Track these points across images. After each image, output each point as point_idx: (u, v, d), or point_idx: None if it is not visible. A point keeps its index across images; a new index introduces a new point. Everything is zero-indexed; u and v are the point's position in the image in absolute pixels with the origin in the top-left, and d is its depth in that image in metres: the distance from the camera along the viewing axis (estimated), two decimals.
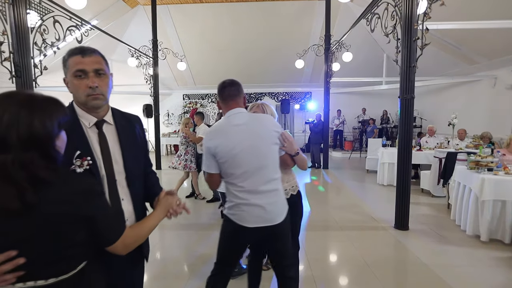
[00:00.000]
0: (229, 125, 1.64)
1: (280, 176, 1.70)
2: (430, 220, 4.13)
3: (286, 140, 1.74)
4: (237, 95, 1.69)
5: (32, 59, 3.97)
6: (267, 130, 1.66)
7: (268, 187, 1.62)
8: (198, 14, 9.33)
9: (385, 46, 10.06)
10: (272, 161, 1.66)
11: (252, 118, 1.68)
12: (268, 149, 1.64)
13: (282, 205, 1.69)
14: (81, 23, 4.98)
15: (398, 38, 3.81)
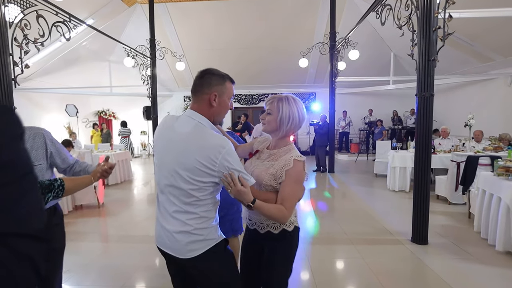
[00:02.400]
0: (166, 127, 1.34)
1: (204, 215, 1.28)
2: (451, 232, 3.70)
3: (230, 182, 1.23)
4: (198, 91, 1.30)
5: (11, 56, 3.63)
6: (190, 158, 1.21)
7: (180, 216, 1.27)
8: (197, 12, 9.01)
9: (392, 44, 9.67)
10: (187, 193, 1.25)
11: (189, 133, 1.25)
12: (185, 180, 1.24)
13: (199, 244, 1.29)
14: (69, 19, 4.64)
15: (413, 30, 3.41)
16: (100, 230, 4.12)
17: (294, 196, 1.35)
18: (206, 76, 1.29)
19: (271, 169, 1.36)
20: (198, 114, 1.28)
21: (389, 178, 5.94)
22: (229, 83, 1.33)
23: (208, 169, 1.20)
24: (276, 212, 1.31)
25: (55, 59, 9.16)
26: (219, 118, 1.33)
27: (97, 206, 5.04)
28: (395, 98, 11.29)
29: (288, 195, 1.33)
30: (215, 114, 1.30)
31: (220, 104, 1.29)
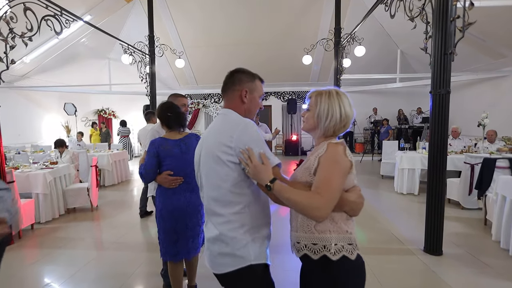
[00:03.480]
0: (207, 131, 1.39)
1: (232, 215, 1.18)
2: (467, 240, 3.43)
3: (247, 159, 1.14)
4: (229, 88, 1.32)
5: None
6: (214, 143, 1.22)
7: (211, 219, 1.25)
8: (198, 8, 8.76)
9: (400, 40, 9.35)
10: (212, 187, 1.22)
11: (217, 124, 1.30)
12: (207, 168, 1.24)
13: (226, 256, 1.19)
14: (60, 13, 4.41)
15: (427, 22, 3.13)
16: (91, 236, 3.89)
17: (330, 181, 1.04)
18: (236, 74, 1.31)
19: (306, 164, 1.19)
20: (230, 110, 1.28)
21: (397, 180, 5.66)
22: (258, 81, 1.34)
23: (226, 147, 1.17)
24: (303, 199, 1.04)
25: (53, 56, 8.96)
26: (250, 115, 1.31)
27: (90, 209, 4.82)
28: (402, 96, 10.98)
29: (322, 180, 1.05)
30: (247, 111, 1.30)
31: (251, 101, 1.30)
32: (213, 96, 12.27)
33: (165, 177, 2.06)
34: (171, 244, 2.10)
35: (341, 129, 1.18)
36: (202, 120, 12.47)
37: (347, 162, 1.09)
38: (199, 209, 2.13)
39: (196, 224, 2.12)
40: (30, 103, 9.77)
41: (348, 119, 1.17)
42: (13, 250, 3.40)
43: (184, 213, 2.07)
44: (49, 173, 4.26)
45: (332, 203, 1.05)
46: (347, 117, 1.16)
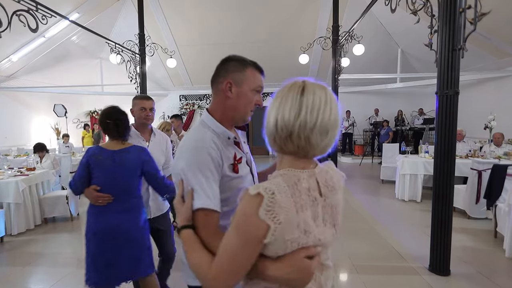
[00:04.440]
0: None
1: None
2: (477, 257, 3.10)
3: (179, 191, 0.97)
4: (214, 80, 1.08)
5: None
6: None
7: None
8: (192, 7, 8.45)
9: (400, 39, 9.04)
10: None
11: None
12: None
13: None
14: (36, 8, 4.09)
15: (432, 15, 2.82)
16: (66, 250, 3.57)
17: (227, 248, 0.75)
18: (225, 62, 1.05)
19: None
20: (205, 113, 1.07)
21: (398, 186, 5.34)
22: (252, 70, 1.04)
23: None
24: (200, 264, 0.80)
25: (41, 55, 8.65)
26: (238, 115, 1.04)
27: (69, 219, 4.50)
28: (402, 97, 10.67)
29: (222, 245, 0.77)
30: (232, 110, 1.03)
31: (238, 96, 1.02)
32: (209, 96, 11.95)
33: (91, 191, 1.78)
34: (97, 271, 1.79)
35: (289, 144, 0.77)
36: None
37: (256, 226, 0.70)
38: (137, 232, 1.85)
39: (136, 245, 1.84)
40: (18, 104, 9.46)
41: (294, 128, 0.74)
42: None
43: (113, 237, 1.78)
44: (22, 180, 3.94)
45: (226, 279, 0.75)
46: (288, 126, 0.74)
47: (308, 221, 0.74)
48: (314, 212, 0.76)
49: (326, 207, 0.80)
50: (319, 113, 0.74)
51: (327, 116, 0.74)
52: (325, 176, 0.81)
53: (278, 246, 0.72)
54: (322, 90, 0.77)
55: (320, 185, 0.79)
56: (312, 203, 0.76)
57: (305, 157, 0.79)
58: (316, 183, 0.79)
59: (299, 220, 0.72)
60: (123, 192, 1.82)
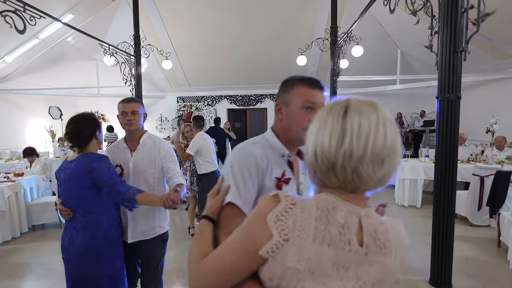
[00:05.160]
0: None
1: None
2: (479, 268, 2.97)
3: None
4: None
5: None
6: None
7: None
8: (188, 7, 8.33)
9: (400, 40, 8.92)
10: None
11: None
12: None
13: None
14: (23, 8, 3.97)
15: (432, 15, 2.69)
16: (51, 260, 3.42)
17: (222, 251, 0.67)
18: (281, 85, 1.07)
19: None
20: (269, 129, 1.09)
21: (398, 191, 5.21)
22: (299, 87, 1.01)
23: None
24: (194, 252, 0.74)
25: (36, 57, 8.52)
26: (291, 133, 1.02)
27: (59, 226, 4.37)
28: (402, 98, 10.53)
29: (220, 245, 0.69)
30: (286, 130, 1.03)
31: (288, 116, 1.01)
32: (207, 98, 11.83)
33: (58, 205, 1.71)
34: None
35: (332, 178, 0.63)
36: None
37: (259, 230, 0.60)
38: (92, 254, 1.63)
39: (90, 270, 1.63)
40: (13, 106, 9.33)
41: (338, 159, 0.60)
42: None
43: (67, 257, 1.65)
44: (7, 187, 3.80)
45: (208, 280, 0.65)
46: (329, 157, 0.61)
47: (324, 261, 0.57)
48: (341, 257, 0.58)
49: (365, 265, 0.60)
50: (369, 138, 0.59)
51: (381, 141, 0.59)
52: (376, 225, 0.63)
53: (275, 269, 0.59)
54: (372, 109, 0.62)
55: (364, 231, 0.61)
56: (342, 245, 0.59)
57: (353, 191, 0.63)
58: (358, 225, 0.61)
59: (311, 252, 0.57)
60: (78, 207, 1.66)
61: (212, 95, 11.73)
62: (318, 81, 1.02)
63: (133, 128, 1.85)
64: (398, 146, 0.62)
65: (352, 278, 0.59)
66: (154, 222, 1.85)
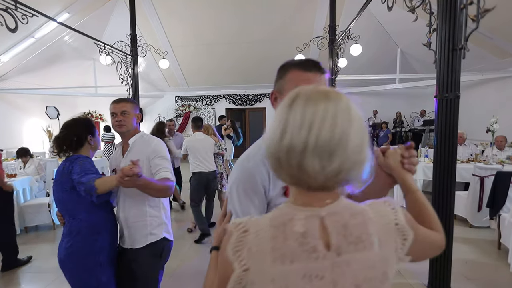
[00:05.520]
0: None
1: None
2: (479, 272, 2.90)
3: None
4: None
5: None
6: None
7: None
8: (185, 6, 8.26)
9: (399, 39, 8.84)
10: None
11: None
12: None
13: None
14: (15, 6, 3.90)
15: (431, 12, 2.62)
16: (44, 262, 3.36)
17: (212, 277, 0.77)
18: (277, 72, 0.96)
19: None
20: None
21: (396, 192, 5.14)
22: (293, 72, 0.90)
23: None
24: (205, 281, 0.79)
25: (32, 56, 8.46)
26: None
27: (52, 227, 4.30)
28: (402, 98, 10.46)
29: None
30: None
31: None
32: (205, 98, 11.76)
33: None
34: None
35: (283, 174, 0.59)
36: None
37: (225, 263, 0.59)
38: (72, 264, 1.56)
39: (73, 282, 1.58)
40: (9, 106, 9.27)
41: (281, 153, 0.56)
42: None
43: (61, 267, 1.60)
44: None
45: None
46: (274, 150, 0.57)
47: (291, 278, 0.54)
48: (310, 268, 0.55)
49: (342, 267, 0.56)
50: (312, 129, 0.53)
51: (327, 132, 0.53)
52: (345, 220, 0.57)
53: None
54: (322, 98, 0.56)
55: (329, 232, 0.56)
56: (307, 256, 0.55)
57: (310, 190, 0.58)
58: (320, 228, 0.56)
59: (275, 273, 0.54)
60: (63, 212, 1.62)
61: (210, 95, 11.66)
62: (315, 62, 0.91)
63: (123, 129, 1.75)
64: (353, 139, 0.55)
65: (328, 285, 0.55)
66: (145, 227, 1.67)
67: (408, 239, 0.61)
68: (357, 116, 0.57)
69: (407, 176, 0.80)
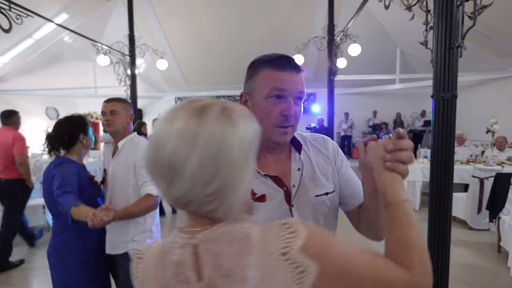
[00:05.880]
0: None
1: None
2: (479, 276, 2.84)
3: None
4: None
5: None
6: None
7: None
8: (184, 6, 8.24)
9: (399, 39, 8.78)
10: None
11: None
12: None
13: None
14: (9, 7, 3.87)
15: (427, 10, 2.57)
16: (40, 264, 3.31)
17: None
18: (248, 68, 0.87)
19: None
20: None
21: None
22: (264, 70, 0.79)
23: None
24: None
25: (32, 57, 8.46)
26: (266, 129, 0.75)
27: (46, 229, 4.26)
28: (402, 98, 10.39)
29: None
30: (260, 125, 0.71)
31: (253, 108, 0.79)
32: None
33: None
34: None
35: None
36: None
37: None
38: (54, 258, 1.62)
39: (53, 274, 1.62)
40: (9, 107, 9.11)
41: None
42: None
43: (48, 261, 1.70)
44: None
45: None
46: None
47: None
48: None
49: None
50: (158, 148, 0.49)
51: (166, 154, 0.47)
52: (219, 249, 0.49)
53: None
54: (170, 118, 0.50)
55: (200, 263, 0.49)
56: (180, 287, 0.50)
57: (189, 213, 0.53)
58: (193, 257, 0.50)
59: None
60: (51, 212, 1.65)
61: (210, 95, 11.62)
62: (289, 59, 0.81)
63: (111, 129, 1.73)
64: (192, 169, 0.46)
65: None
66: (126, 234, 1.63)
67: (307, 272, 0.46)
68: (211, 144, 0.46)
69: (386, 179, 0.61)
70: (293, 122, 0.79)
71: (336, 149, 0.93)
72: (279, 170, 0.82)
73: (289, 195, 0.81)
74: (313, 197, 0.83)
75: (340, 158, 0.92)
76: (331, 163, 0.89)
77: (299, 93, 0.80)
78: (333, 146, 0.93)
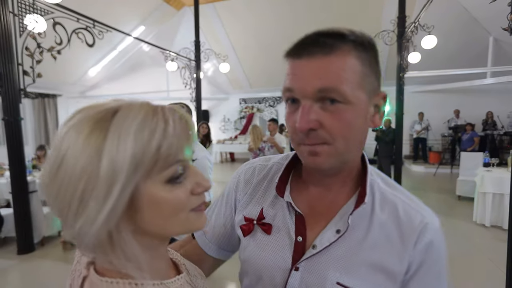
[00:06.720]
0: None
1: None
2: None
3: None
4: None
5: (20, 66, 3.53)
6: None
7: None
8: (247, 9, 8.43)
9: (491, 25, 7.45)
10: None
11: None
12: None
13: None
14: (93, 25, 4.48)
15: None
16: None
17: None
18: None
19: None
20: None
21: (477, 207, 4.32)
22: (287, 62, 0.55)
23: None
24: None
25: (117, 66, 9.71)
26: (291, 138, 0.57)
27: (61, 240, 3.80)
28: (494, 95, 8.82)
29: None
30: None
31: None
32: (268, 99, 11.86)
33: None
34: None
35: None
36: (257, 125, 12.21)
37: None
38: None
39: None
40: None
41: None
42: None
43: None
44: None
45: None
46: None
47: None
48: None
49: None
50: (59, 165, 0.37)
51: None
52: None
53: None
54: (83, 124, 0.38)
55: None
56: None
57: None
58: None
59: None
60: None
61: (273, 96, 11.70)
62: (306, 41, 0.54)
63: None
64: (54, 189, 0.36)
65: None
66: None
67: None
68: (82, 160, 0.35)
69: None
70: (318, 138, 0.50)
71: (427, 249, 0.56)
72: (314, 206, 0.59)
73: (300, 252, 0.56)
74: (332, 283, 0.53)
75: (427, 267, 0.56)
76: (400, 259, 0.54)
77: (320, 91, 0.49)
78: (426, 242, 0.56)
